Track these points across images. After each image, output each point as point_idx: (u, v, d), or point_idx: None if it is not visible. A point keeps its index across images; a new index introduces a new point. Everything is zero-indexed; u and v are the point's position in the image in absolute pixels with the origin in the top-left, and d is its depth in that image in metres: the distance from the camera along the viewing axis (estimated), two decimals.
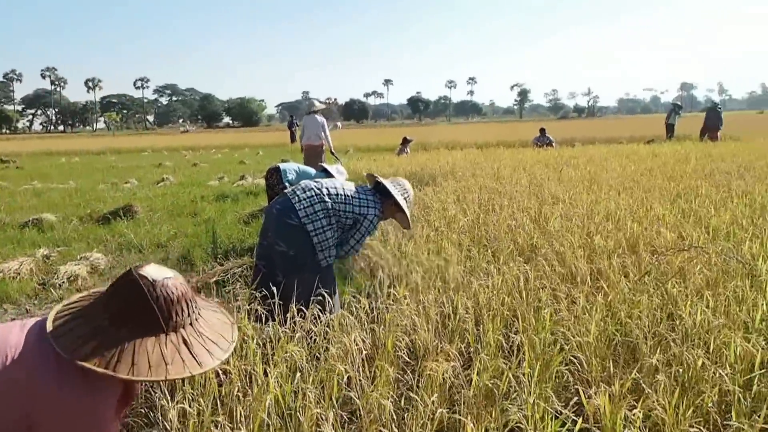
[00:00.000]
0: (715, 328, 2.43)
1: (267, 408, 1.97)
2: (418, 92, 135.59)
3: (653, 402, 1.92)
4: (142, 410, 2.31)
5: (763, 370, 2.10)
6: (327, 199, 3.17)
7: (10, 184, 13.40)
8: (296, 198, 3.18)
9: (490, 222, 4.76)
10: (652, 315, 2.66)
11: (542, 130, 16.56)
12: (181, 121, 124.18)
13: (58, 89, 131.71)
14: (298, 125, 30.15)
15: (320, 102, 9.65)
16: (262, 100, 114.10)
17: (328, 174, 5.87)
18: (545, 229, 4.34)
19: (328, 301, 2.94)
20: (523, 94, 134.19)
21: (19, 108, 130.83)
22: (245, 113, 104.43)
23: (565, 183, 6.94)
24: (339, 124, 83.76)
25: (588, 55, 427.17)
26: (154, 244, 6.34)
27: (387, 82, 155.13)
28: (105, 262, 5.58)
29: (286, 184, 5.93)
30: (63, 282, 5.02)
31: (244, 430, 1.98)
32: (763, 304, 2.65)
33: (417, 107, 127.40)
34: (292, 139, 26.20)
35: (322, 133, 9.26)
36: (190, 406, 2.06)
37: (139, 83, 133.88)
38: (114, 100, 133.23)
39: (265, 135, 42.96)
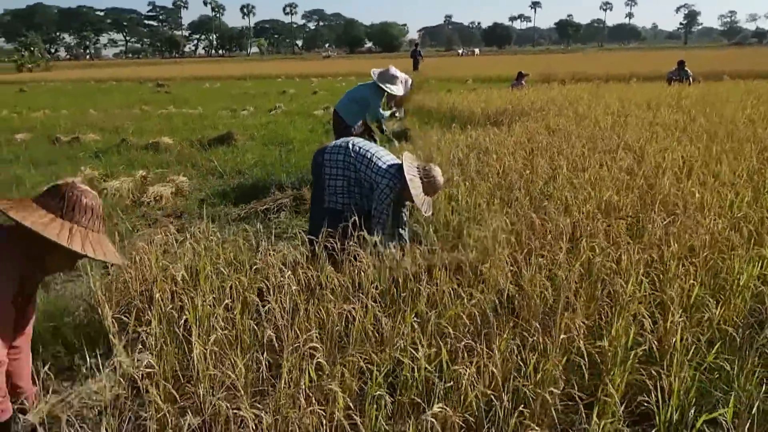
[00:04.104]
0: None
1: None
2: (569, 15, 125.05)
3: None
4: None
5: None
6: (351, 153, 3.51)
7: (152, 108, 15.03)
8: (331, 145, 3.66)
9: (536, 166, 4.60)
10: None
11: (680, 63, 14.84)
12: (327, 45, 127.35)
13: (218, 15, 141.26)
14: (421, 54, 30.06)
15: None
16: (404, 25, 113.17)
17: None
18: (576, 181, 4.13)
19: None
20: (691, 17, 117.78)
21: (186, 33, 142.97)
22: (386, 38, 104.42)
23: (655, 127, 6.36)
24: (476, 50, 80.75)
25: None
26: (236, 171, 6.92)
27: (534, 4, 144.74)
28: (188, 185, 6.26)
29: (345, 120, 6.13)
30: (150, 201, 5.78)
31: None
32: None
33: (566, 32, 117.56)
34: (415, 66, 26.36)
35: None
36: None
37: (288, 9, 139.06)
38: (266, 26, 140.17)
39: (398, 62, 43.36)
